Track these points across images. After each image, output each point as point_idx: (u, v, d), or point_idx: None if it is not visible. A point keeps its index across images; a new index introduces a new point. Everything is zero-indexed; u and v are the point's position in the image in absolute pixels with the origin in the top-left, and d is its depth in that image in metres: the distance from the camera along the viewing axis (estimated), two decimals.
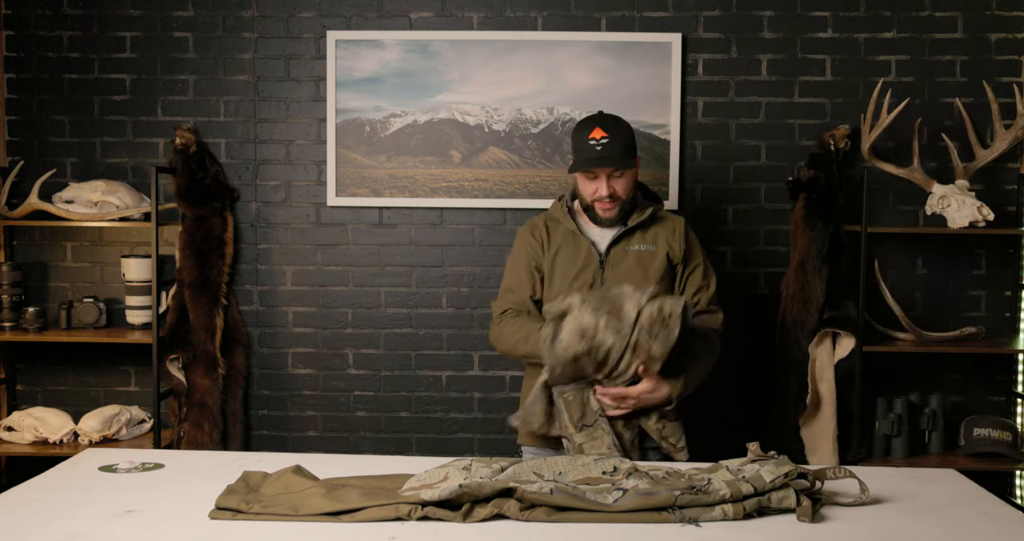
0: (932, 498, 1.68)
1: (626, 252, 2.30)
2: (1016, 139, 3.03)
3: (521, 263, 2.38)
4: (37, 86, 3.31)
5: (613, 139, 2.25)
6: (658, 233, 2.33)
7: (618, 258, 2.29)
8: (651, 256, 2.30)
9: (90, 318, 3.22)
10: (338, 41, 3.22)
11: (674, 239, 2.33)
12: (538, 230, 2.39)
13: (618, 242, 2.31)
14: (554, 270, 2.33)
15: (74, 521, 1.49)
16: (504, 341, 2.30)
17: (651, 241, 2.32)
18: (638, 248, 2.30)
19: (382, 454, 2.95)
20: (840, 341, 3.04)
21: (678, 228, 2.35)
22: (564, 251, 2.33)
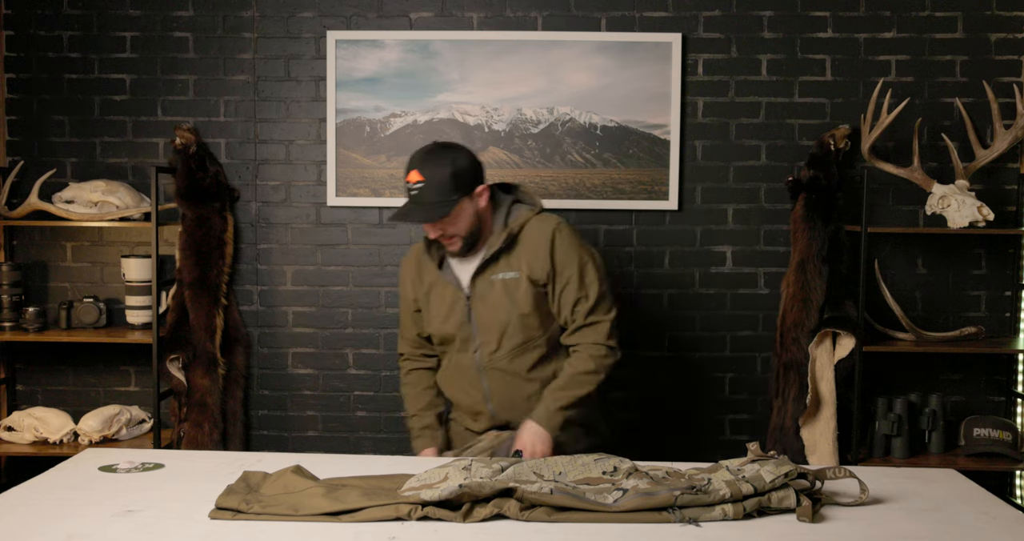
0: (932, 498, 1.68)
1: (491, 283, 2.16)
2: (1016, 139, 3.03)
3: (402, 305, 2.37)
4: (37, 86, 3.31)
5: (429, 183, 2.05)
6: (521, 254, 2.16)
7: (484, 291, 2.17)
8: (516, 283, 2.15)
9: (90, 318, 3.22)
10: (338, 41, 3.22)
11: (537, 258, 2.15)
12: (410, 269, 2.31)
13: (482, 273, 2.17)
14: (429, 309, 2.26)
15: (74, 521, 1.49)
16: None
17: (516, 265, 2.16)
18: (503, 277, 2.16)
19: (382, 454, 2.94)
20: (840, 341, 3.04)
21: (542, 243, 2.15)
22: (435, 291, 2.24)
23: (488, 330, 2.18)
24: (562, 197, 3.22)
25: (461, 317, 2.20)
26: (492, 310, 2.16)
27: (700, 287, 3.27)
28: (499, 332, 2.17)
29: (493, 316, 2.17)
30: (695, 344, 3.29)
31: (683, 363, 3.29)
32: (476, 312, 2.18)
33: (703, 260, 3.27)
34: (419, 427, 2.31)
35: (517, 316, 2.15)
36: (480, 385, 2.23)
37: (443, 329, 2.23)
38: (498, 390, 2.22)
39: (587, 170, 3.23)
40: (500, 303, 2.15)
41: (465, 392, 2.26)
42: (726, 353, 3.29)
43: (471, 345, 2.21)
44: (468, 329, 2.20)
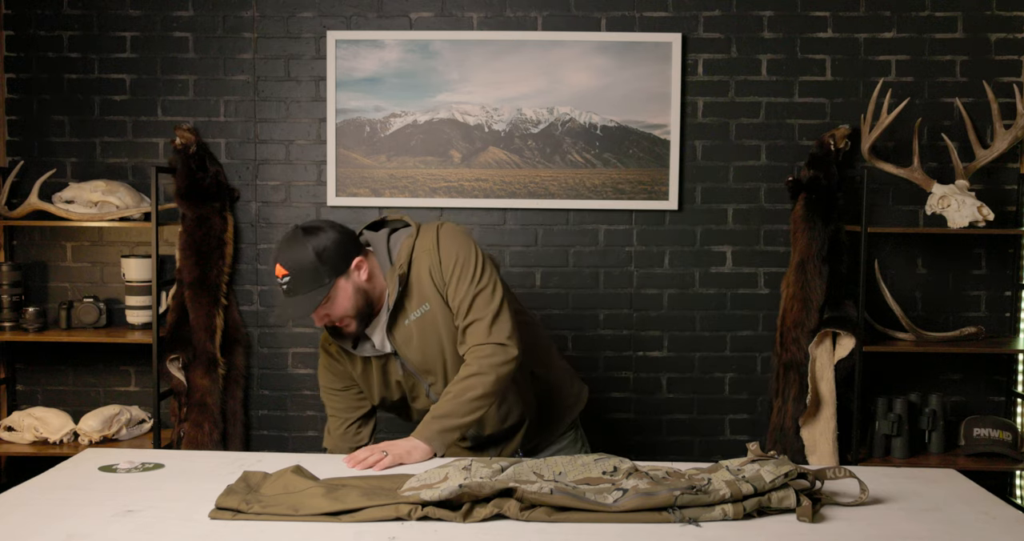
0: (932, 498, 1.68)
1: (407, 328, 1.98)
2: (1016, 139, 3.03)
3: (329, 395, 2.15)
4: (37, 86, 3.31)
5: (295, 275, 1.88)
6: (419, 284, 1.97)
7: (404, 339, 1.99)
8: (430, 316, 1.98)
9: (90, 318, 3.22)
10: (338, 41, 3.22)
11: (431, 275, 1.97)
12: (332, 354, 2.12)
13: (393, 325, 1.99)
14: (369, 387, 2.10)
15: (74, 521, 1.49)
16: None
17: (421, 299, 1.97)
18: (415, 316, 1.98)
19: None
20: (840, 341, 3.04)
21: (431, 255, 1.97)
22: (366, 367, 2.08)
23: (428, 371, 2.03)
24: (562, 197, 3.22)
25: (398, 374, 2.05)
26: (422, 352, 2.00)
27: (700, 287, 3.27)
28: (440, 367, 2.02)
29: (426, 357, 2.01)
30: (695, 344, 3.29)
31: (683, 363, 3.29)
32: (410, 360, 2.01)
33: (703, 260, 3.27)
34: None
35: (446, 343, 1.99)
36: None
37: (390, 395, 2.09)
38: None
39: (587, 170, 3.23)
40: (426, 341, 1.99)
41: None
42: (726, 353, 3.29)
43: (421, 392, 2.07)
44: (412, 380, 2.05)
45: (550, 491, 1.52)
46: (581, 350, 3.30)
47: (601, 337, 3.28)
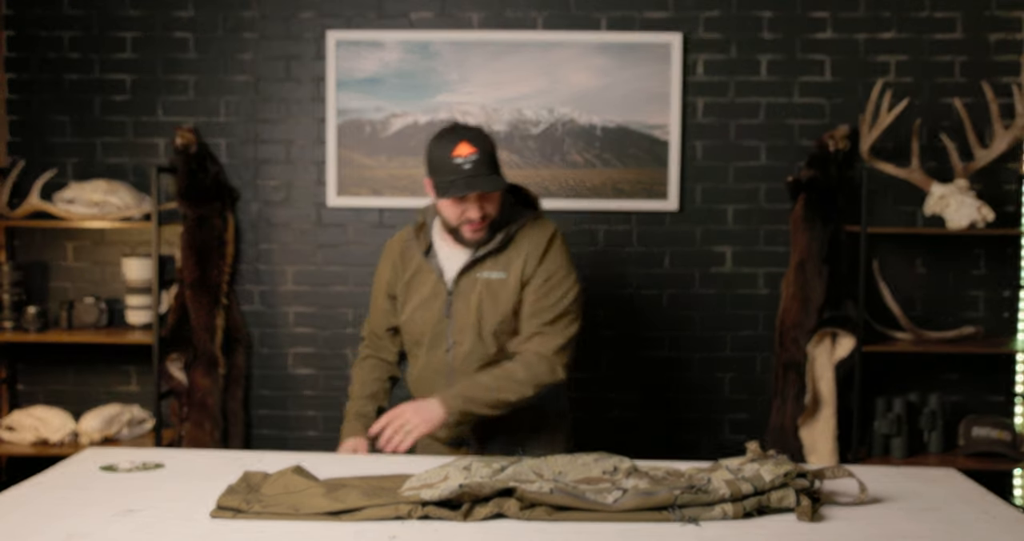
0: (932, 498, 1.68)
1: (475, 281, 2.04)
2: (1016, 139, 3.03)
3: (376, 288, 2.24)
4: (37, 86, 3.31)
5: (482, 155, 1.94)
6: (512, 255, 2.05)
7: (467, 288, 2.05)
8: (502, 284, 2.04)
9: (91, 318, 3.22)
10: (338, 41, 3.23)
11: (528, 261, 2.04)
12: (393, 255, 2.18)
13: (468, 270, 2.05)
14: (408, 298, 2.13)
15: (74, 521, 1.49)
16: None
17: (503, 266, 2.04)
18: (488, 276, 2.04)
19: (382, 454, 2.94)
20: (840, 341, 3.04)
21: (537, 246, 2.05)
22: (416, 279, 2.12)
23: (463, 331, 2.05)
24: (562, 197, 3.22)
25: (439, 312, 2.07)
26: (472, 310, 2.04)
27: (700, 287, 3.28)
28: (475, 334, 2.05)
29: (471, 316, 2.04)
30: (695, 344, 3.30)
31: (683, 363, 3.30)
32: (455, 309, 2.05)
33: (703, 260, 3.27)
34: (355, 412, 2.16)
35: (497, 320, 2.04)
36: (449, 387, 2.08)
37: (417, 324, 2.10)
38: None
39: (587, 170, 3.23)
40: (483, 304, 2.04)
41: (432, 394, 2.07)
42: (726, 353, 3.29)
43: (443, 344, 2.08)
44: (443, 327, 2.07)
45: (550, 491, 1.52)
46: (581, 350, 3.27)
47: (601, 337, 3.29)
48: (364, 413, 2.16)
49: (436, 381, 2.11)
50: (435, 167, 1.99)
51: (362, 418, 2.15)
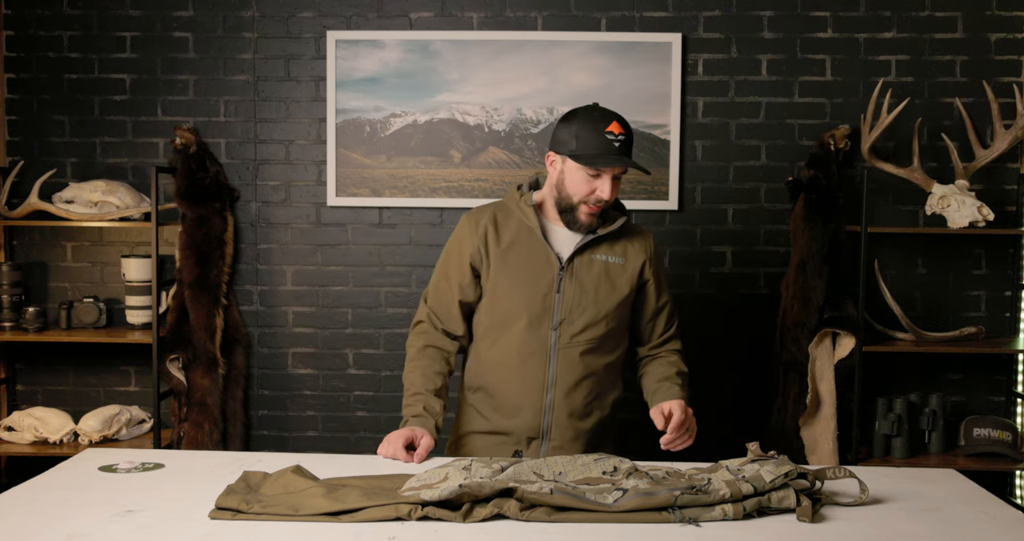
0: (932, 498, 1.68)
1: (592, 262, 2.05)
2: (1016, 139, 3.03)
3: (452, 259, 2.10)
4: (37, 86, 3.31)
5: (628, 139, 1.98)
6: (628, 246, 2.09)
7: (582, 266, 2.04)
8: (620, 268, 2.06)
9: (90, 318, 3.22)
10: (338, 41, 3.22)
11: (648, 256, 2.11)
12: (484, 222, 2.08)
13: (583, 250, 2.05)
14: (504, 270, 2.04)
15: (74, 521, 1.49)
16: (404, 368, 2.12)
17: (620, 253, 2.08)
18: (605, 259, 2.06)
19: None
20: (840, 341, 3.04)
21: (649, 245, 2.13)
22: (518, 249, 2.05)
23: (575, 310, 2.01)
24: None
25: (547, 287, 2.01)
26: (588, 290, 2.02)
27: (700, 287, 3.27)
28: (589, 315, 2.02)
29: (587, 296, 2.01)
30: (695, 344, 3.28)
31: None
32: (567, 286, 2.02)
33: (703, 260, 3.27)
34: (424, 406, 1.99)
35: (615, 302, 2.04)
36: (545, 369, 2.02)
37: (514, 297, 2.02)
38: (565, 379, 2.02)
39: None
40: (600, 284, 2.03)
41: (519, 377, 2.03)
42: (726, 353, 3.29)
43: (547, 321, 2.02)
44: (550, 302, 2.01)
45: (550, 491, 1.52)
46: None
47: None
48: (435, 411, 2.01)
49: (531, 359, 2.03)
50: (580, 138, 1.96)
51: (432, 416, 1.99)
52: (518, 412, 2.05)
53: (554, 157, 2.04)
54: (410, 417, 1.98)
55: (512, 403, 2.05)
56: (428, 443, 1.92)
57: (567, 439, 2.05)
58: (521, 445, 2.06)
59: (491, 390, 2.09)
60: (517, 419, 2.05)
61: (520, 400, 2.04)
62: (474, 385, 2.13)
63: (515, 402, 2.05)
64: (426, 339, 2.11)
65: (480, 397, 2.12)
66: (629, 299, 2.08)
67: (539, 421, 2.04)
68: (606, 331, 2.05)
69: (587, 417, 2.07)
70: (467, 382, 2.16)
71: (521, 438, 2.06)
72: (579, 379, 2.04)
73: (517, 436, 2.06)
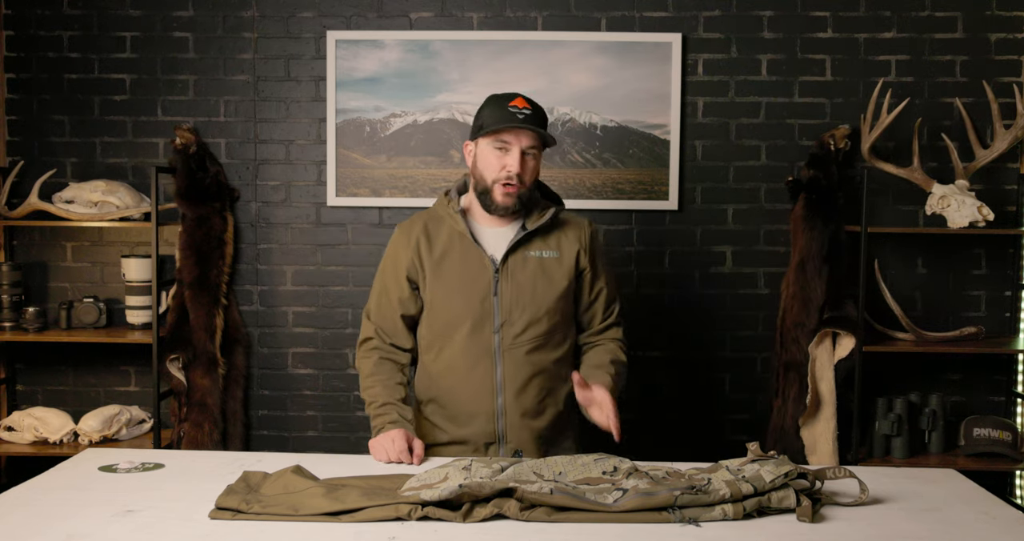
0: (932, 498, 1.68)
1: (526, 259, 2.03)
2: (1016, 139, 3.03)
3: (388, 274, 2.13)
4: (37, 86, 3.31)
5: (535, 114, 1.99)
6: (561, 238, 2.08)
7: (517, 266, 2.02)
8: (556, 263, 2.05)
9: (90, 318, 3.22)
10: (338, 41, 3.22)
11: (582, 245, 2.09)
12: (415, 233, 2.09)
13: (516, 248, 2.03)
14: (439, 280, 2.05)
15: (74, 521, 1.49)
16: (361, 386, 2.12)
17: (554, 246, 2.06)
18: (540, 254, 2.04)
19: None
20: (840, 341, 3.04)
21: (584, 233, 2.12)
22: (451, 257, 2.05)
23: (515, 310, 2.01)
24: (563, 197, 3.21)
25: (484, 291, 2.01)
26: (525, 288, 2.01)
27: (700, 287, 3.27)
28: (529, 314, 2.01)
29: (524, 295, 2.01)
30: (695, 344, 3.29)
31: (683, 363, 3.29)
32: (503, 288, 2.01)
33: (703, 260, 3.27)
34: (398, 413, 1.99)
35: (554, 298, 2.03)
36: (493, 373, 2.02)
37: (453, 305, 2.02)
38: (513, 381, 2.01)
39: (587, 170, 3.23)
40: (537, 281, 2.02)
41: (468, 384, 2.03)
42: (726, 353, 3.29)
43: (489, 325, 2.01)
44: (488, 306, 2.01)
45: (550, 491, 1.52)
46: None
47: None
48: (408, 418, 2.01)
49: (477, 365, 2.03)
50: (487, 116, 2.00)
51: (408, 423, 1.99)
52: (472, 419, 2.05)
53: (469, 145, 2.08)
54: (387, 424, 1.98)
55: (465, 411, 2.05)
56: (421, 443, 1.93)
57: (524, 440, 2.05)
58: (479, 451, 2.06)
59: (442, 401, 2.09)
60: (471, 426, 2.05)
61: (472, 407, 2.04)
62: (425, 397, 2.13)
63: (467, 409, 2.05)
64: (379, 354, 2.12)
65: (433, 408, 2.11)
66: (569, 291, 2.08)
67: (493, 426, 2.04)
68: (549, 327, 2.05)
69: (541, 415, 2.07)
70: (418, 395, 2.16)
71: (479, 444, 2.06)
72: (528, 379, 2.03)
73: (474, 443, 2.06)
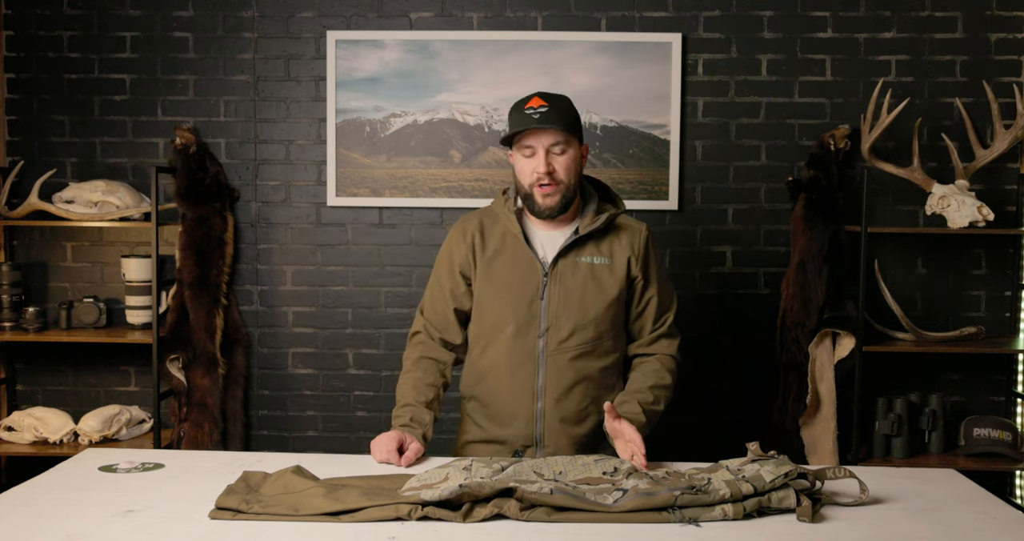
0: (932, 498, 1.68)
1: (577, 265, 2.01)
2: (1016, 139, 3.03)
3: (444, 268, 2.10)
4: (37, 86, 3.31)
5: (552, 109, 1.95)
6: (615, 244, 2.05)
7: (567, 271, 2.00)
8: (607, 270, 2.02)
9: (90, 318, 3.22)
10: (338, 41, 3.22)
11: (634, 252, 2.05)
12: (470, 230, 2.08)
13: (567, 252, 2.01)
14: (488, 279, 2.03)
15: (74, 521, 1.49)
16: (398, 380, 2.10)
17: (607, 253, 2.03)
18: (591, 260, 2.02)
19: None
20: (840, 341, 3.04)
21: (638, 239, 2.07)
22: (502, 257, 2.04)
23: (561, 315, 1.99)
24: None
25: (531, 294, 1.99)
26: (573, 294, 1.98)
27: (700, 287, 3.27)
28: (575, 320, 1.99)
29: (572, 301, 1.98)
30: (695, 344, 3.28)
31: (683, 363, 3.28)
32: (551, 292, 1.99)
33: (703, 260, 3.27)
34: (411, 417, 1.98)
35: (603, 305, 2.00)
36: (535, 377, 2.00)
37: (500, 306, 2.01)
38: (555, 386, 1.99)
39: (587, 170, 3.22)
40: (586, 288, 1.99)
41: (509, 386, 2.01)
42: (726, 353, 3.29)
43: (534, 329, 1.99)
44: (535, 309, 1.99)
45: (550, 491, 1.52)
46: None
47: None
48: (423, 422, 1.99)
49: (520, 368, 2.01)
50: (510, 123, 2.01)
51: (420, 426, 1.98)
52: (511, 420, 2.04)
53: (511, 155, 2.07)
54: (397, 427, 1.98)
55: (505, 412, 2.04)
56: (417, 447, 1.90)
57: (561, 445, 2.03)
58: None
59: (483, 399, 2.08)
60: (511, 428, 2.04)
61: (512, 408, 2.03)
62: (468, 394, 2.13)
63: (507, 410, 2.04)
64: (422, 350, 2.11)
65: (474, 406, 2.11)
66: (620, 300, 2.04)
67: (532, 429, 2.03)
68: (596, 334, 2.02)
69: (582, 423, 2.05)
70: (463, 391, 2.16)
71: (516, 446, 2.05)
72: (570, 385, 2.01)
73: (512, 444, 2.05)
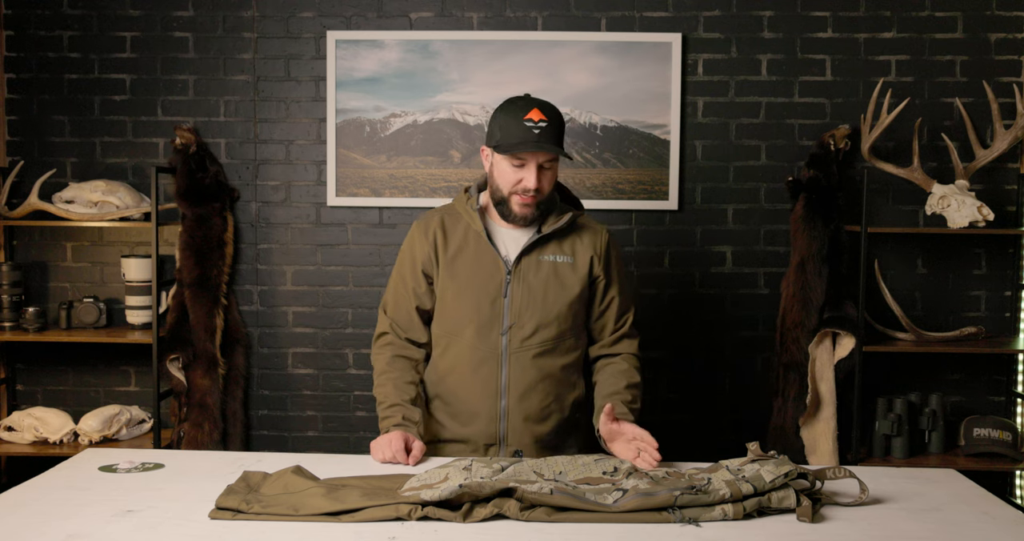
0: (932, 498, 1.68)
1: (540, 262, 2.02)
2: (1016, 139, 3.03)
3: (406, 267, 2.10)
4: (37, 86, 3.31)
5: (551, 125, 1.94)
6: (576, 243, 2.06)
7: (530, 268, 2.01)
8: (569, 268, 2.03)
9: (90, 318, 3.22)
10: (338, 41, 3.22)
11: (596, 251, 2.07)
12: (432, 228, 2.07)
13: (531, 250, 2.02)
14: (451, 277, 2.03)
15: (74, 521, 1.49)
16: (374, 383, 2.10)
17: (569, 252, 2.04)
18: (554, 258, 2.02)
19: None
20: (840, 341, 3.04)
21: (600, 239, 2.09)
22: (464, 255, 2.03)
23: (524, 313, 1.99)
24: None
25: (495, 292, 1.99)
26: (536, 292, 1.99)
27: (700, 287, 3.27)
28: (538, 317, 1.99)
29: (535, 298, 1.99)
30: (695, 344, 3.29)
31: (683, 363, 3.29)
32: (515, 290, 1.99)
33: (703, 260, 3.27)
34: (403, 416, 1.97)
35: (565, 303, 2.01)
36: (498, 375, 2.00)
37: (463, 304, 2.01)
38: (518, 384, 2.00)
39: (587, 170, 3.23)
40: (549, 285, 2.00)
41: (472, 384, 2.01)
42: (726, 353, 3.29)
43: (497, 327, 2.00)
44: (498, 307, 1.99)
45: (550, 491, 1.52)
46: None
47: None
48: (415, 420, 1.98)
49: (483, 366, 2.01)
50: (503, 128, 1.96)
51: (414, 424, 1.97)
52: (474, 419, 2.04)
53: (486, 150, 2.05)
54: (391, 427, 1.96)
55: (467, 410, 2.04)
56: (421, 446, 1.91)
57: (525, 444, 2.03)
58: (479, 452, 2.05)
59: (446, 398, 2.08)
60: (473, 426, 2.04)
61: (475, 407, 2.03)
62: (431, 393, 2.12)
63: (470, 409, 2.03)
64: (392, 350, 2.11)
65: (438, 405, 2.11)
66: (582, 298, 2.05)
67: (495, 428, 2.03)
68: (558, 333, 2.03)
69: (544, 420, 2.04)
70: (427, 390, 2.14)
71: (479, 444, 2.05)
72: (533, 383, 2.01)
73: (475, 443, 2.05)
